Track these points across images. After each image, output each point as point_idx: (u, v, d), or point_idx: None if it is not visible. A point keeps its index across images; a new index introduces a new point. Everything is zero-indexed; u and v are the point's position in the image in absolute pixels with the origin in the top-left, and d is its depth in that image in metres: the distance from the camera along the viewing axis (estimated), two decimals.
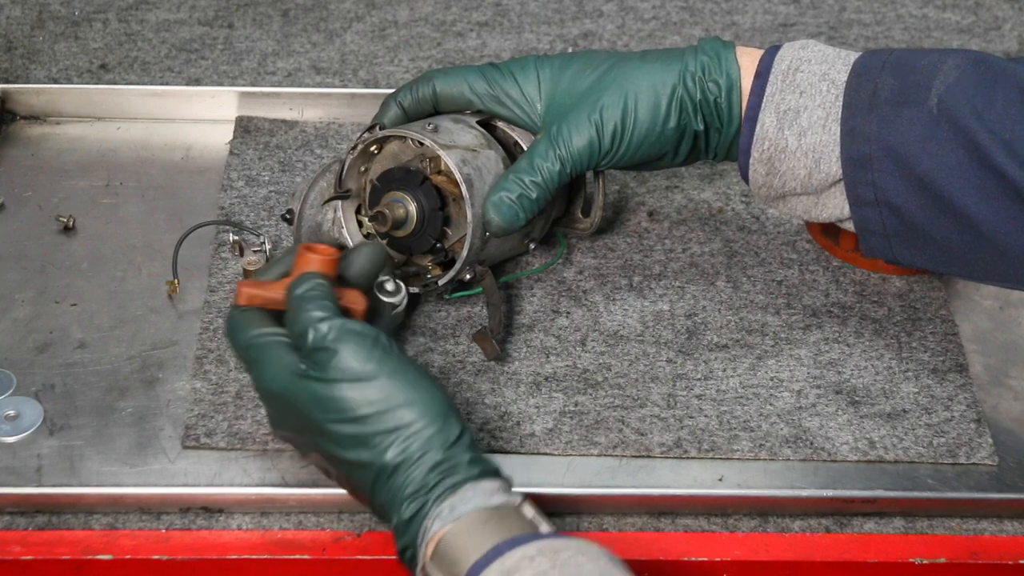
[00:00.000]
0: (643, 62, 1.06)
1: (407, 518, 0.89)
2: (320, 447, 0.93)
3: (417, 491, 0.89)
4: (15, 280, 1.13)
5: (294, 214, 1.10)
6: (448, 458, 0.89)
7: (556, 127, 1.06)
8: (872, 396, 1.07)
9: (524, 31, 1.44)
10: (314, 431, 0.92)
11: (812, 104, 1.03)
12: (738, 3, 1.49)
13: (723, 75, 1.05)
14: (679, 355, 1.10)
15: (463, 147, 1.06)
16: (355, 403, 0.90)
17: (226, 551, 0.97)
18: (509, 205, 1.05)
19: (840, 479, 1.02)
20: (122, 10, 1.43)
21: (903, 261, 1.05)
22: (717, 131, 1.06)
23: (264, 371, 0.93)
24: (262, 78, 1.36)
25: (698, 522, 1.01)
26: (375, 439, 0.90)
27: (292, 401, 0.92)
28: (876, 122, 1.01)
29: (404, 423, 0.90)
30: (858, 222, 1.04)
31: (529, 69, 1.09)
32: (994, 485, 1.02)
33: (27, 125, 1.28)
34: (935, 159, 0.99)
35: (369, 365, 0.91)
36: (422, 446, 0.90)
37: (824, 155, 1.03)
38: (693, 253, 1.18)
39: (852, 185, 1.02)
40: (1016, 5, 1.50)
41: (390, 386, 0.91)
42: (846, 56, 1.04)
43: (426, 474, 0.89)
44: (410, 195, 1.07)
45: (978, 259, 1.01)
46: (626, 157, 1.06)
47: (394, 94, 1.11)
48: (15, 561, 0.96)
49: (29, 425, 1.03)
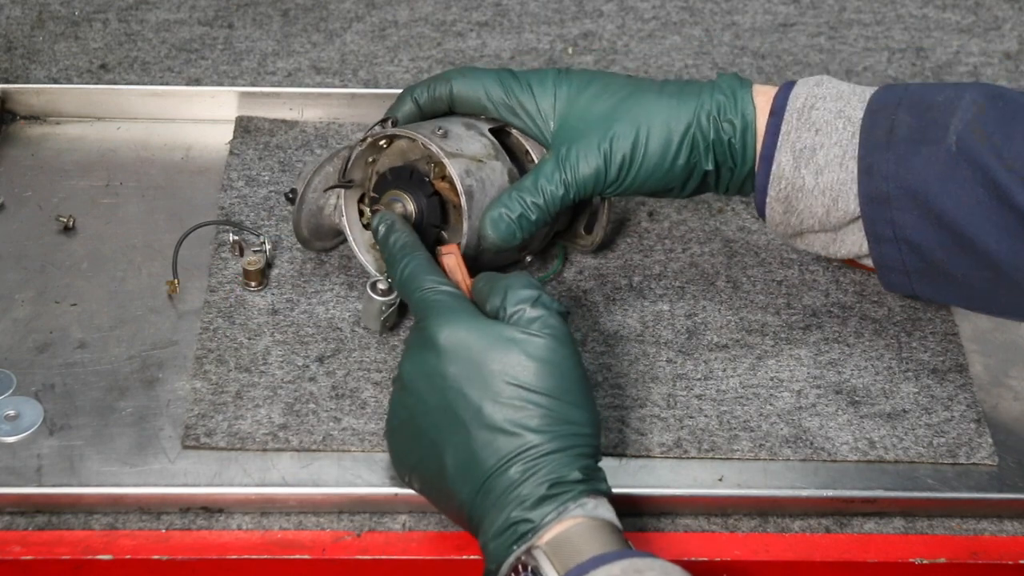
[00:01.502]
0: (660, 95, 1.06)
1: (546, 495, 0.89)
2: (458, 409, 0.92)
3: (567, 479, 0.89)
4: (15, 280, 1.13)
5: (297, 195, 1.10)
6: (592, 466, 0.92)
7: (566, 149, 1.05)
8: (872, 396, 1.07)
9: (524, 31, 1.44)
10: (468, 391, 0.92)
11: (828, 142, 1.02)
12: (738, 3, 1.49)
13: (738, 116, 1.04)
14: (679, 355, 1.10)
15: (469, 156, 1.06)
16: (540, 384, 0.91)
17: (226, 551, 0.97)
18: (508, 224, 1.05)
19: (840, 479, 1.02)
20: (122, 10, 1.43)
21: (923, 296, 1.05)
22: (729, 170, 1.06)
23: (453, 316, 0.94)
24: (262, 78, 1.36)
25: (698, 522, 1.01)
26: (535, 422, 0.91)
27: (471, 351, 0.92)
28: (894, 160, 1.00)
29: (566, 416, 0.91)
30: (877, 259, 1.04)
31: (547, 84, 1.08)
32: (994, 485, 1.02)
33: (27, 125, 1.28)
34: (954, 198, 0.98)
35: (572, 347, 0.93)
36: (577, 443, 0.91)
37: (842, 193, 1.02)
38: (693, 253, 1.18)
39: (871, 223, 1.02)
40: (1016, 5, 1.50)
41: (573, 377, 0.92)
42: (861, 92, 1.04)
43: (573, 470, 0.90)
44: (412, 198, 1.07)
45: (999, 296, 1.01)
46: (632, 188, 1.06)
47: (411, 89, 1.11)
48: (15, 561, 0.96)
49: (29, 425, 1.03)
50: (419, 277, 0.98)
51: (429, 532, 0.98)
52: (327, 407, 1.05)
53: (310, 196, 1.10)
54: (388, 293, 1.07)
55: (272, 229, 1.18)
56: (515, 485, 0.89)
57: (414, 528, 0.99)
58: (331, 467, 1.01)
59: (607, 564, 0.85)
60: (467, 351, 0.92)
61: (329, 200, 1.10)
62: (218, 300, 1.12)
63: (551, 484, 0.89)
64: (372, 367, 1.07)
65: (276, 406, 1.04)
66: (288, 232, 1.17)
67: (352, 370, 1.07)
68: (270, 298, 1.12)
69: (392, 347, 1.09)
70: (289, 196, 1.11)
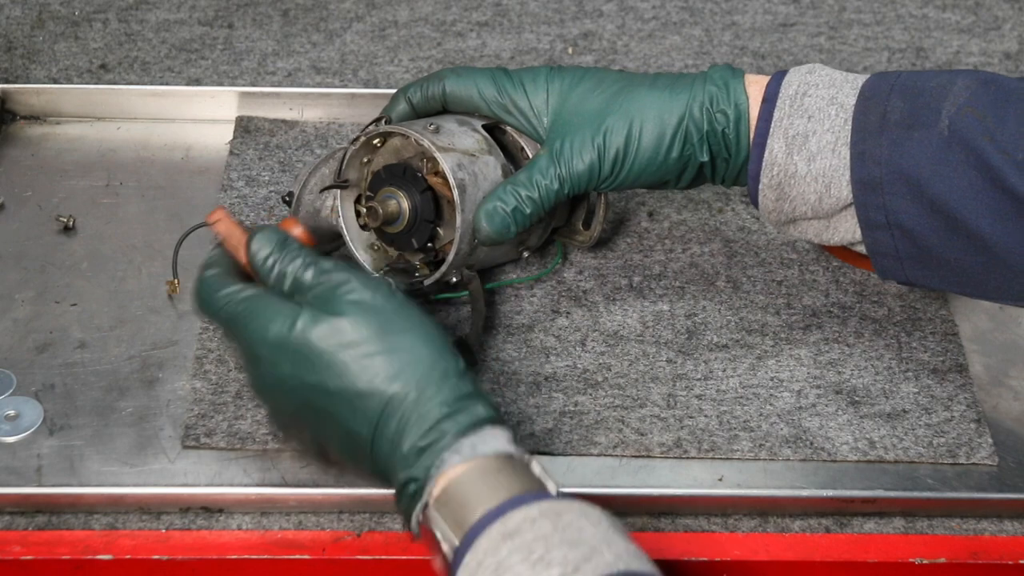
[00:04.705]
0: (652, 88, 1.06)
1: (421, 447, 0.85)
2: (316, 402, 0.88)
3: (435, 423, 0.86)
4: (15, 280, 1.13)
5: (294, 197, 1.10)
6: (464, 395, 0.87)
7: (560, 144, 1.05)
8: (872, 396, 1.07)
9: (524, 31, 1.44)
10: (312, 381, 0.88)
11: (821, 128, 1.02)
12: (738, 3, 1.49)
13: (731, 105, 1.04)
14: (679, 355, 1.10)
15: (461, 151, 1.06)
16: (365, 333, 0.87)
17: (226, 551, 0.97)
18: (503, 217, 1.05)
19: (840, 479, 1.02)
20: (122, 10, 1.44)
21: (916, 282, 1.05)
22: (724, 161, 1.06)
23: (256, 323, 0.89)
24: (262, 78, 1.36)
25: (698, 522, 1.01)
26: (384, 372, 0.87)
27: (289, 347, 0.88)
28: (886, 145, 1.00)
29: (416, 355, 0.87)
30: (870, 245, 1.03)
31: (540, 81, 1.08)
32: (994, 485, 1.02)
33: (27, 125, 1.28)
34: (947, 182, 0.98)
35: (378, 296, 0.89)
36: (434, 378, 0.87)
37: (834, 179, 1.02)
38: (693, 253, 1.18)
39: (863, 209, 1.02)
40: (1016, 5, 1.50)
41: (401, 316, 0.88)
42: (854, 80, 1.04)
43: (441, 407, 0.86)
44: (406, 194, 1.07)
45: (992, 280, 1.01)
46: (627, 182, 1.06)
47: (405, 88, 1.11)
48: (15, 561, 0.96)
49: (29, 425, 1.03)
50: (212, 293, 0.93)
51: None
52: None
53: (307, 198, 1.10)
54: None
55: None
56: (395, 444, 0.86)
57: None
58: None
59: (500, 518, 0.82)
60: (289, 346, 0.89)
61: (326, 202, 1.10)
62: None
63: (424, 432, 0.86)
64: None
65: None
66: None
67: None
68: None
69: None
70: (286, 199, 1.11)
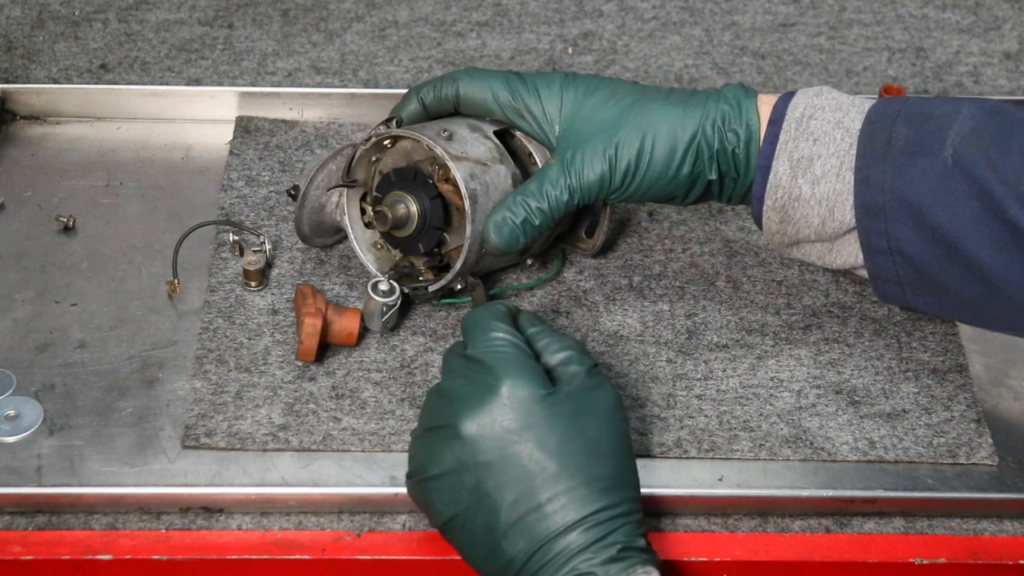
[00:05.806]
0: (666, 103, 1.05)
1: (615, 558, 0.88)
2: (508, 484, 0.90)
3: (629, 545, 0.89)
4: (15, 280, 1.13)
5: (299, 191, 1.10)
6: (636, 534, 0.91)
7: (571, 154, 1.05)
8: (872, 396, 1.07)
9: (524, 31, 1.44)
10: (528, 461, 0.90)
11: (826, 152, 1.02)
12: (738, 3, 1.49)
13: (743, 125, 1.04)
14: (679, 355, 1.10)
15: (474, 160, 1.06)
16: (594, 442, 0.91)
17: (226, 551, 0.97)
18: (512, 228, 1.04)
19: (840, 479, 1.02)
20: (122, 10, 1.44)
21: (917, 308, 1.05)
22: (732, 180, 1.06)
23: (512, 377, 0.92)
24: (262, 78, 1.36)
25: (698, 522, 1.01)
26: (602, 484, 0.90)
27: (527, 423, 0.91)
28: (890, 172, 1.00)
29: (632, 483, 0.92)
30: (872, 270, 1.04)
31: (554, 88, 1.07)
32: (994, 485, 1.02)
33: (27, 125, 1.28)
34: (949, 210, 0.98)
35: (620, 412, 0.94)
36: (636, 507, 0.91)
37: (838, 203, 1.02)
38: (693, 253, 1.18)
39: (866, 234, 1.02)
40: (1016, 5, 1.50)
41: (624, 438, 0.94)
42: (860, 104, 1.04)
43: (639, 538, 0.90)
44: (415, 199, 1.07)
45: (991, 310, 1.01)
46: (635, 196, 1.06)
47: (417, 88, 1.10)
48: (15, 561, 0.96)
49: (29, 425, 1.03)
50: (487, 325, 0.96)
51: (429, 532, 0.98)
52: (327, 407, 1.05)
53: (313, 194, 1.10)
54: (389, 294, 1.07)
55: (272, 229, 1.18)
56: (582, 547, 0.89)
57: (414, 528, 0.99)
58: (331, 467, 1.01)
59: None
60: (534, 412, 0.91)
61: (331, 198, 1.11)
62: (218, 300, 1.12)
63: (621, 548, 0.89)
64: (372, 367, 1.07)
65: (276, 406, 1.04)
66: (288, 232, 1.17)
67: (352, 370, 1.07)
68: (270, 298, 1.12)
69: (392, 347, 1.09)
70: (291, 193, 1.11)
